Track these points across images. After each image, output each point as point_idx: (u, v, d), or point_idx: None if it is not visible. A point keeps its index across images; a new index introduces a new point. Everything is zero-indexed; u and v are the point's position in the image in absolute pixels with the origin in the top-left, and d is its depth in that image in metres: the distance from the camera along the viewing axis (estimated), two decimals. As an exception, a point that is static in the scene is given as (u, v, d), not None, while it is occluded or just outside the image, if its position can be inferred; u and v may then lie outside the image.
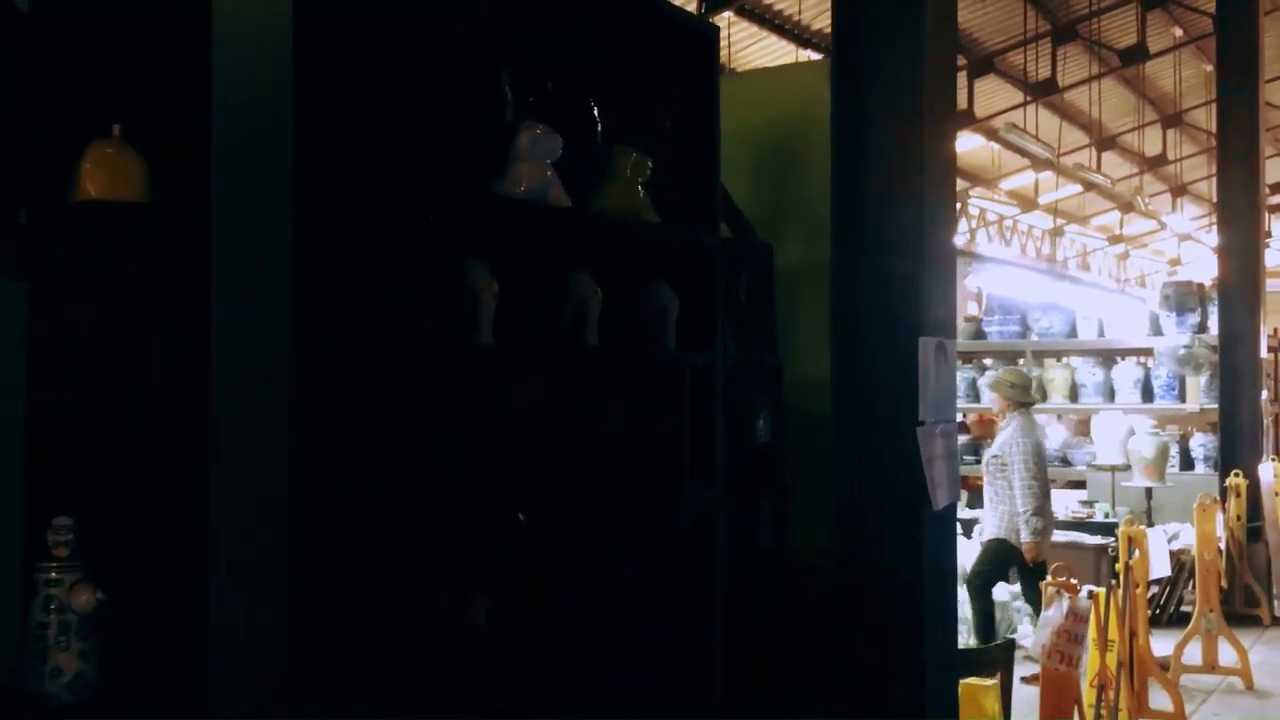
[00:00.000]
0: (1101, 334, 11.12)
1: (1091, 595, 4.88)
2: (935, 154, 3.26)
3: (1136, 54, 14.05)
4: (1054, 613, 4.13)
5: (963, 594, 7.66)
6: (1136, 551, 5.30)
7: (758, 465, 2.97)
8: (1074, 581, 5.28)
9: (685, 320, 2.41)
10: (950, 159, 3.37)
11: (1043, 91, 14.54)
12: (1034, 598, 6.25)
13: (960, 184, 20.57)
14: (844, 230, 3.18)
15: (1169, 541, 8.36)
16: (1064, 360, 11.55)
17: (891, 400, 3.11)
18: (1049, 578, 4.64)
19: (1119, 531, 5.39)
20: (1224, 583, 7.60)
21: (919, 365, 3.10)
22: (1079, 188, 21.20)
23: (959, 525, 9.51)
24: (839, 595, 3.17)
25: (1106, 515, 9.51)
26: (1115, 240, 26.05)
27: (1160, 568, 6.41)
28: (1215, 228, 9.85)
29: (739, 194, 3.25)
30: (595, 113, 2.23)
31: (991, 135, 16.52)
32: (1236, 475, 8.51)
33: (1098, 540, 8.84)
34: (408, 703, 1.82)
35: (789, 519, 3.27)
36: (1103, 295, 9.75)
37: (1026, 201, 21.19)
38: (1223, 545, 7.90)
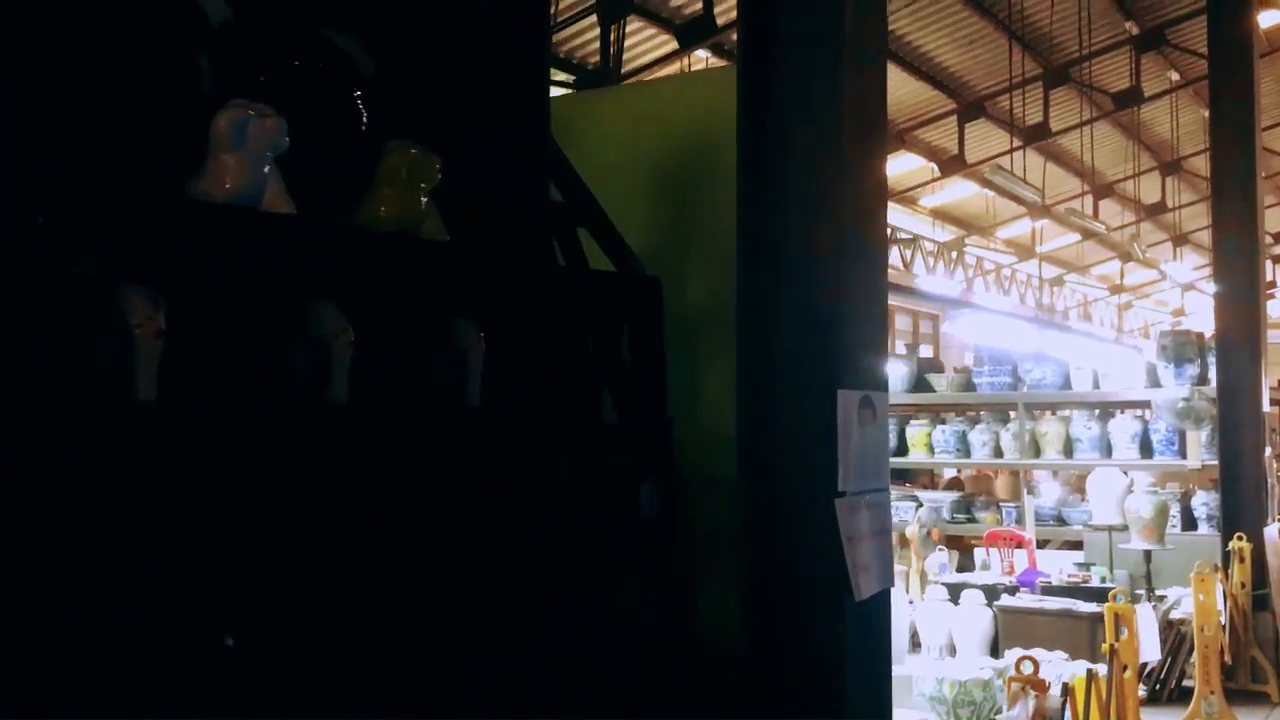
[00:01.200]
0: (1097, 386, 10.58)
1: (1085, 680, 4.34)
2: (860, 172, 2.75)
3: (1131, 97, 13.64)
4: (1018, 712, 3.57)
5: (947, 671, 7.08)
6: (1125, 630, 4.74)
7: (639, 546, 2.43)
8: (1044, 678, 4.73)
9: (510, 368, 1.89)
10: (879, 179, 2.86)
11: (1035, 136, 14.12)
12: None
13: (955, 232, 20.15)
14: (750, 263, 2.67)
15: (1170, 610, 7.77)
16: (1058, 413, 11.01)
17: (804, 467, 2.58)
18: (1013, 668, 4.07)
19: (1104, 608, 4.83)
20: (1228, 657, 6.99)
21: (838, 424, 2.56)
22: (1077, 236, 20.78)
23: (945, 590, 8.98)
24: (748, 698, 2.62)
25: (1104, 579, 8.91)
26: (1116, 290, 25.57)
27: (1150, 650, 5.82)
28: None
29: (629, 222, 2.75)
30: (359, 99, 1.72)
31: (986, 183, 16.12)
32: (1240, 538, 7.93)
33: (1093, 608, 8.23)
34: None
35: (694, 604, 2.72)
36: (1096, 345, 9.22)
37: (1024, 250, 20.74)
38: (1225, 616, 7.30)
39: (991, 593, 8.79)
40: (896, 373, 11.33)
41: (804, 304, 2.65)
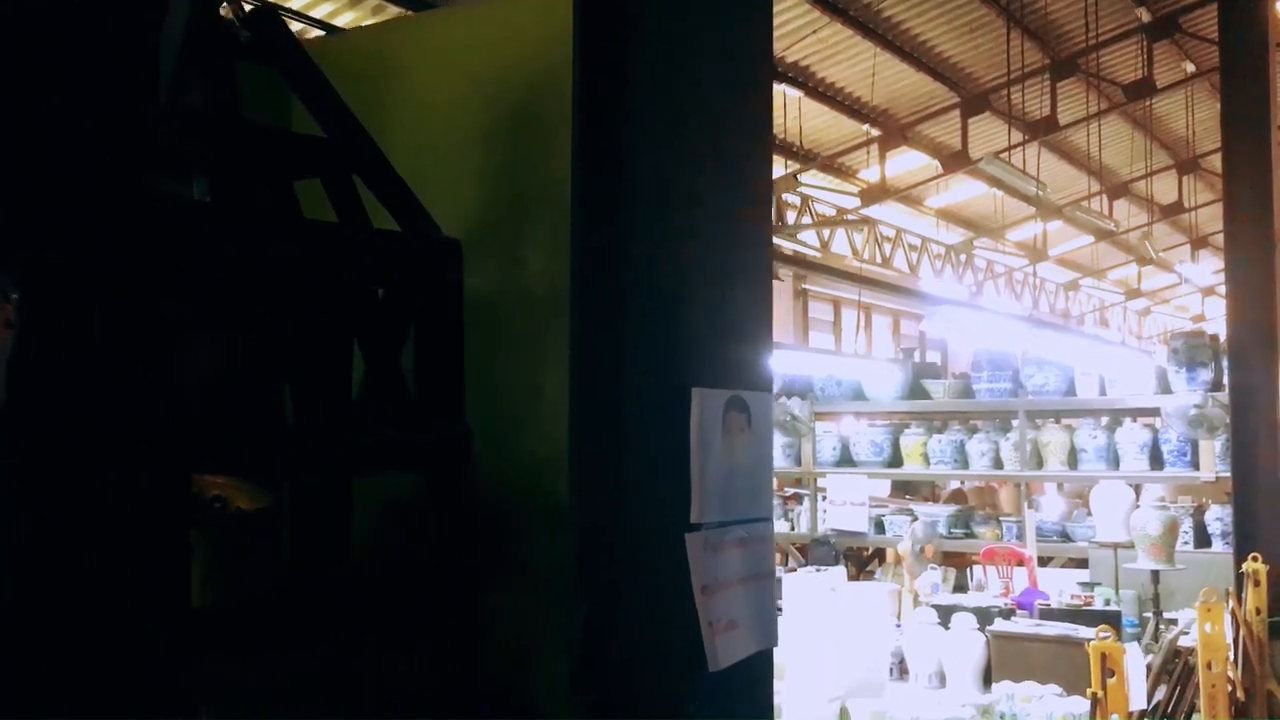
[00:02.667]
0: (1103, 392, 9.89)
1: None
2: (733, 112, 2.13)
3: (1142, 89, 12.95)
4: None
5: (924, 709, 6.42)
6: (1114, 674, 4.08)
7: (408, 594, 1.82)
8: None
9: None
10: (762, 123, 2.23)
11: (1041, 130, 13.44)
12: None
13: (964, 234, 19.45)
14: (587, 227, 2.03)
15: (1178, 637, 7.08)
16: (1062, 422, 10.32)
17: (643, 493, 1.95)
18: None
19: (1089, 646, 4.18)
20: (1240, 693, 6.30)
21: (692, 433, 1.94)
22: (1091, 238, 20.05)
23: (935, 613, 8.31)
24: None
25: (1108, 602, 8.23)
26: (1133, 295, 24.80)
27: (1138, 699, 5.16)
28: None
29: (437, 176, 2.13)
30: None
31: (994, 182, 15.44)
32: (1255, 559, 7.23)
33: (1094, 634, 7.56)
34: None
35: (499, 654, 2.11)
36: (1101, 348, 8.55)
37: (1035, 252, 20.03)
38: (1238, 647, 6.61)
39: (985, 616, 8.11)
40: (890, 378, 10.67)
41: (654, 278, 2.02)
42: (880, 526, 10.65)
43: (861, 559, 11.16)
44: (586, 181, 2.08)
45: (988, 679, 7.69)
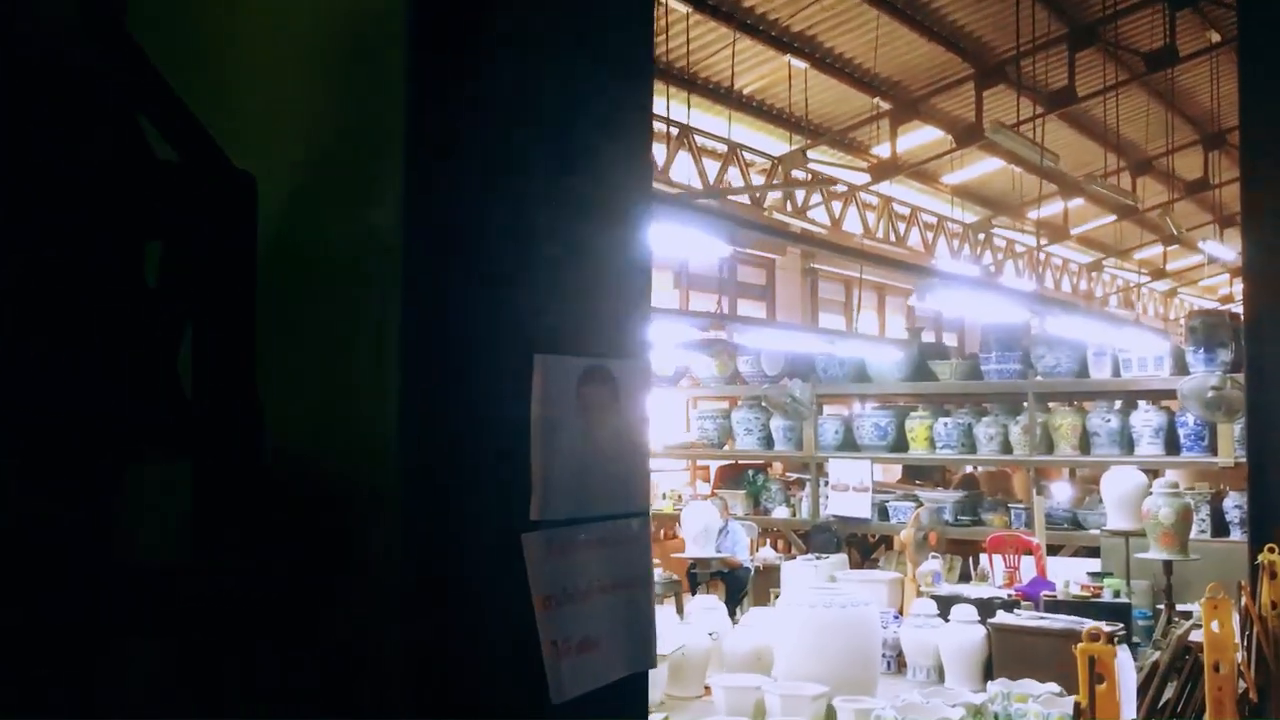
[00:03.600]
0: (1117, 373, 9.46)
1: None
2: (601, 47, 1.76)
3: (1164, 58, 12.44)
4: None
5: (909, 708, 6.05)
6: (1104, 679, 3.71)
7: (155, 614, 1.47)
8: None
9: None
10: (640, 35, 1.86)
11: (1059, 102, 12.94)
12: None
13: (981, 212, 18.95)
14: (420, 171, 1.68)
15: (1188, 632, 6.67)
16: (1074, 404, 9.90)
17: (475, 484, 1.60)
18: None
19: (1076, 649, 3.80)
20: (1253, 694, 5.88)
21: (532, 409, 1.58)
22: (1113, 217, 19.50)
23: (934, 604, 7.93)
24: None
25: (1118, 594, 7.83)
26: (1159, 276, 24.22)
27: (1129, 706, 4.76)
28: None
29: (245, 111, 1.78)
30: None
31: (1012, 158, 14.95)
32: (1272, 550, 6.79)
33: (1101, 628, 7.16)
34: None
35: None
36: (1114, 326, 8.12)
37: (1056, 232, 19.52)
38: (1251, 644, 6.18)
39: (987, 607, 7.73)
40: (893, 359, 10.27)
41: (495, 224, 1.66)
42: (884, 513, 10.27)
43: (867, 546, 10.78)
44: (416, 121, 1.72)
45: (990, 674, 7.31)
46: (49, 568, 1.34)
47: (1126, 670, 4.74)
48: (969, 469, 11.76)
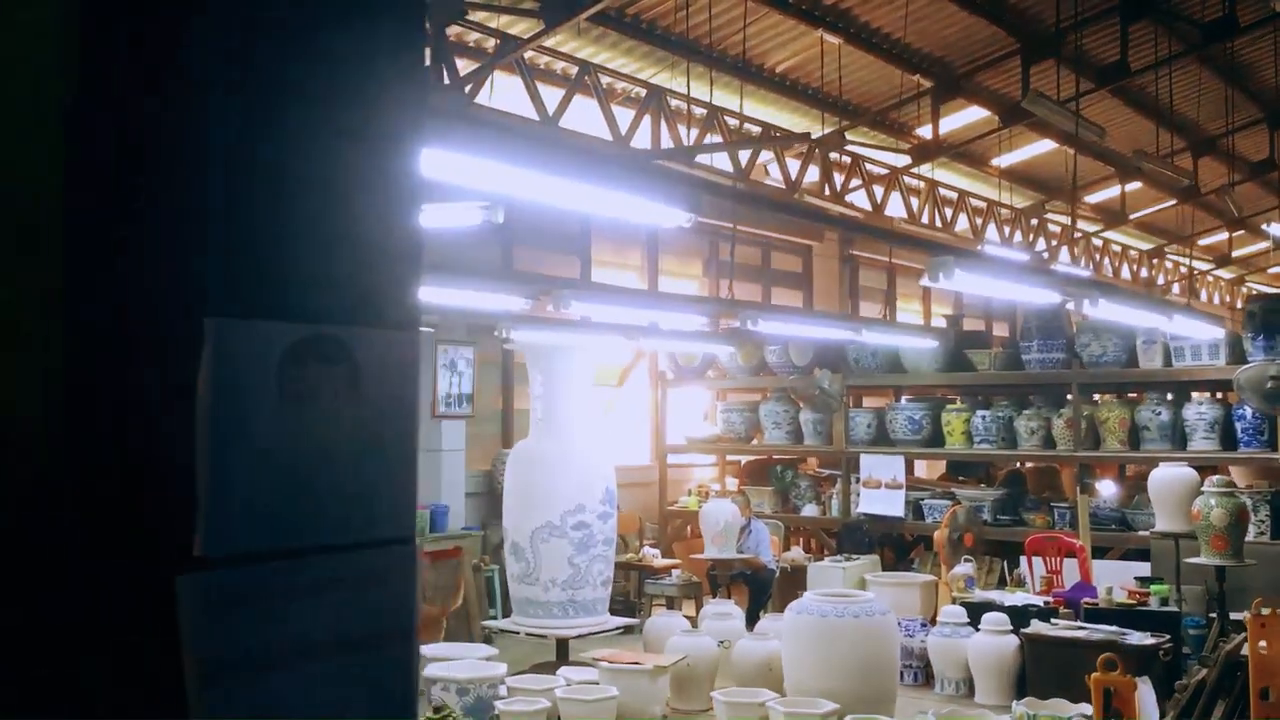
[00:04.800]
0: (1169, 363, 8.80)
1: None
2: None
3: (1223, 28, 11.66)
4: None
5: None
6: (1121, 714, 3.16)
7: None
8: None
9: None
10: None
11: (1111, 77, 12.21)
12: None
13: (1033, 196, 18.17)
14: (92, 60, 1.22)
15: (1239, 646, 6.06)
16: (1122, 396, 9.26)
17: (118, 503, 1.12)
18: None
19: (1090, 680, 3.27)
20: (1310, 718, 5.27)
21: (198, 400, 1.10)
22: (1173, 201, 18.62)
23: (964, 611, 7.36)
24: None
25: (1165, 601, 7.21)
26: (1224, 263, 23.23)
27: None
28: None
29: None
30: None
31: (1064, 139, 14.22)
32: (1335, 556, 6.17)
33: (1146, 640, 6.58)
34: None
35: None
36: (1166, 312, 7.47)
37: (1114, 216, 18.69)
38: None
39: (1021, 615, 7.16)
40: (927, 347, 9.68)
41: (179, 136, 1.20)
42: (920, 511, 9.69)
43: (903, 546, 10.20)
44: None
45: (1023, 689, 6.75)
46: None
47: (1149, 707, 4.16)
48: (1015, 465, 11.11)
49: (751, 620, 8.04)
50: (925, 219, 15.53)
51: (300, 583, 1.22)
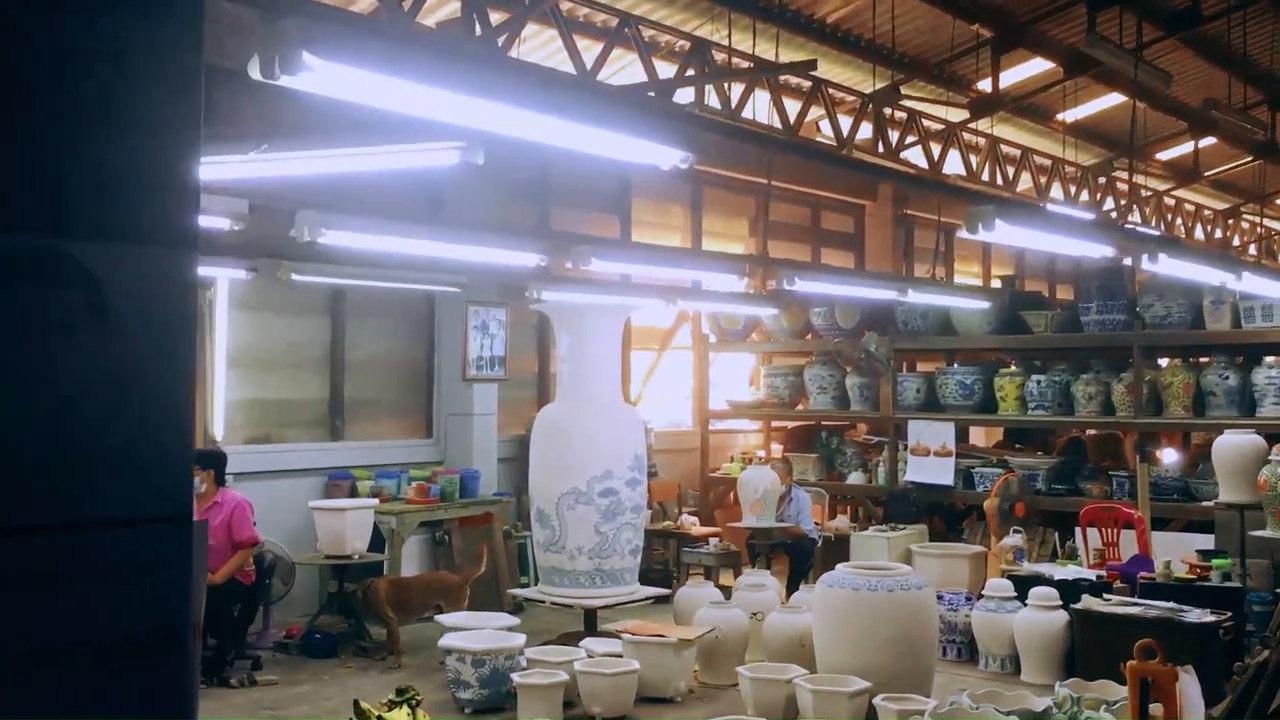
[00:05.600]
0: (1237, 324, 8.31)
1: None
2: None
3: (1304, -31, 10.99)
4: None
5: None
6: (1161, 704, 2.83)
7: None
8: None
9: None
10: None
11: (1181, 24, 11.57)
12: None
13: (1101, 153, 17.48)
14: None
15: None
16: (1187, 360, 8.77)
17: None
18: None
19: (1126, 666, 2.94)
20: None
21: None
22: (1249, 158, 17.81)
23: (1010, 585, 6.99)
24: None
25: (1228, 576, 6.78)
26: (1303, 222, 22.28)
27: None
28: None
29: None
30: None
31: (1134, 91, 13.57)
32: None
33: (1204, 616, 6.17)
34: None
35: None
36: (1234, 270, 6.98)
37: (1186, 174, 17.93)
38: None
39: (1072, 590, 6.78)
40: (980, 309, 9.26)
41: None
42: (969, 480, 9.29)
43: (953, 516, 9.81)
44: None
45: (1069, 667, 6.38)
46: None
47: (1192, 697, 3.80)
48: (1075, 432, 10.65)
49: (793, 591, 7.75)
50: (985, 177, 14.98)
51: (18, 571, 0.95)
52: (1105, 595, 6.63)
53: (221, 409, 7.74)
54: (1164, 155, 18.03)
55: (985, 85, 13.56)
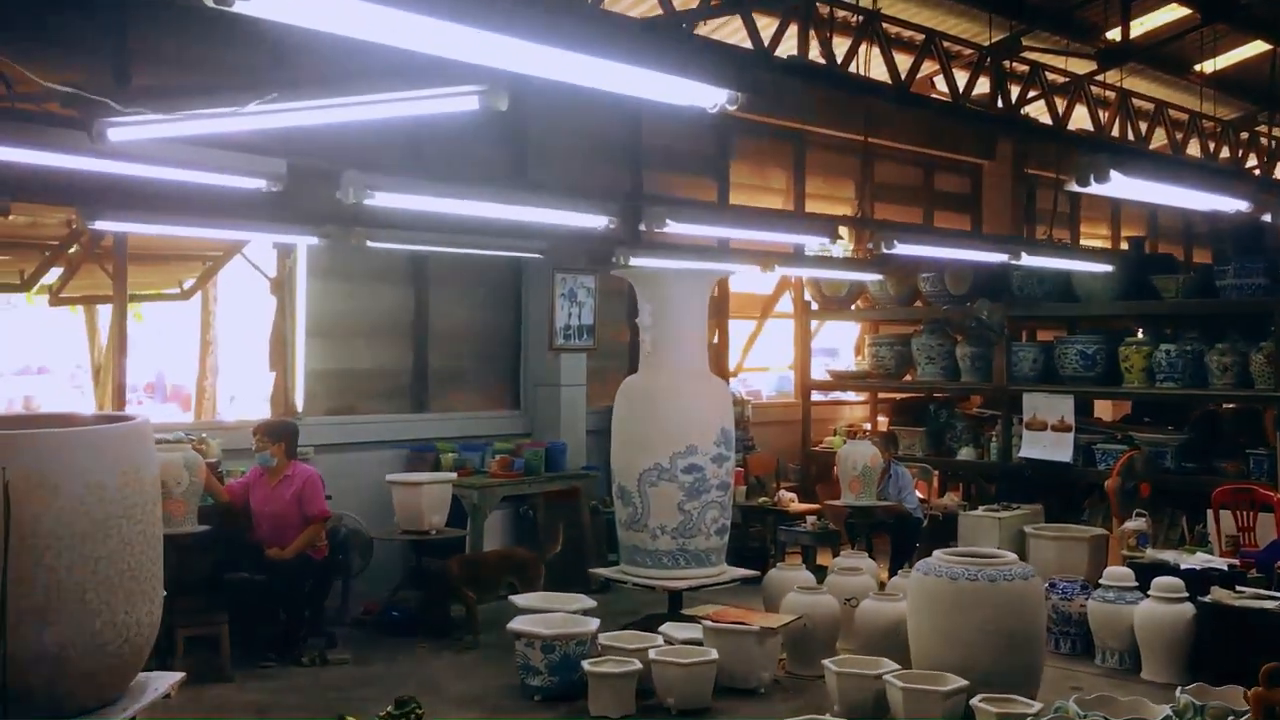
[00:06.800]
0: (1394, 288, 7.50)
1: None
2: None
3: None
4: None
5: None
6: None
7: None
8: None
9: None
10: None
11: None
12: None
13: (1243, 107, 16.33)
14: None
15: None
16: (1338, 329, 7.97)
17: None
18: None
19: (1248, 695, 2.46)
20: None
21: None
22: None
23: (1131, 573, 6.40)
24: None
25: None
26: None
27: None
28: None
29: None
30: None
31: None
32: None
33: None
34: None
35: None
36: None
37: (1336, 127, 16.63)
38: None
39: (1199, 580, 6.18)
40: (1103, 272, 8.58)
41: None
42: (1090, 456, 8.65)
43: (1074, 495, 9.16)
44: None
45: (1195, 664, 5.81)
46: None
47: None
48: (1210, 406, 9.85)
49: (891, 574, 7.28)
50: (1115, 133, 14.07)
51: None
52: (1238, 587, 6.01)
53: (301, 379, 7.59)
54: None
55: (1115, 35, 12.67)
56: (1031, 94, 12.87)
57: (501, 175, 8.23)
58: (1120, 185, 4.27)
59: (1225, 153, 16.41)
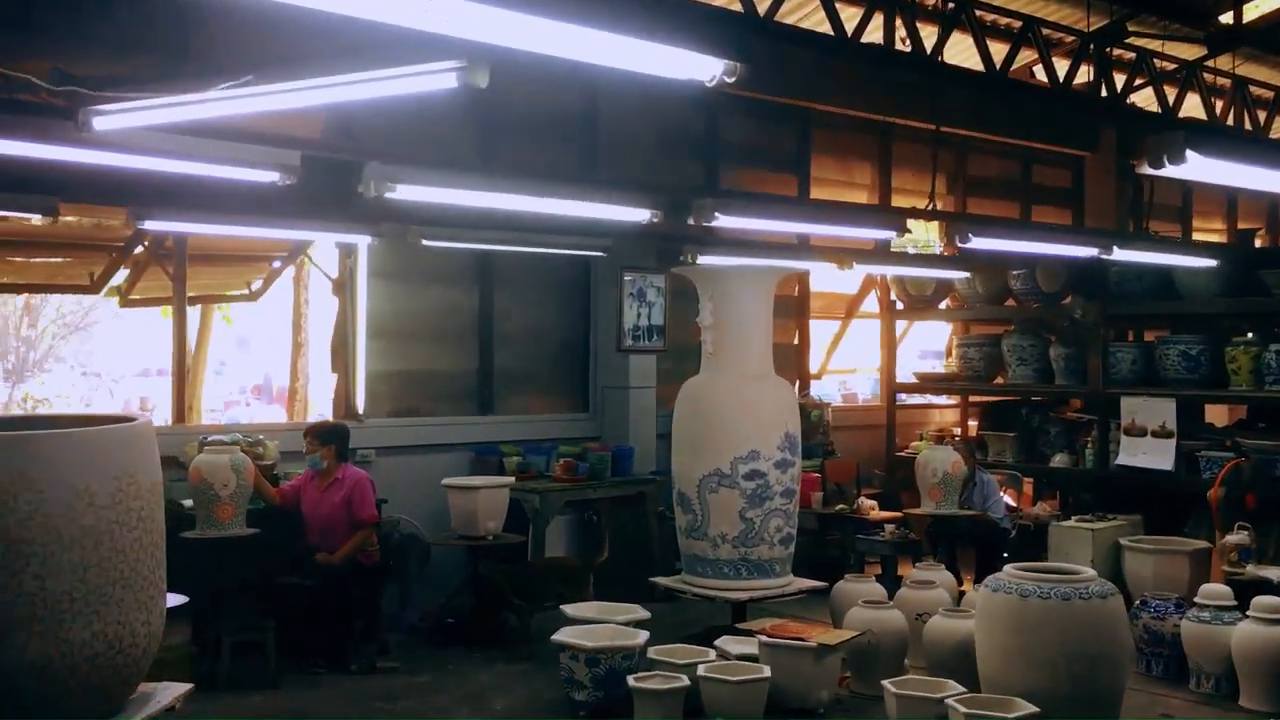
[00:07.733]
0: None
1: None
2: None
3: None
4: None
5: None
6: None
7: None
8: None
9: None
10: None
11: None
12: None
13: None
14: None
15: None
16: None
17: None
18: None
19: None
20: None
21: None
22: None
23: (1230, 592, 5.90)
24: None
25: None
26: None
27: None
28: None
29: None
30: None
31: None
32: None
33: None
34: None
35: None
36: None
37: None
38: None
39: (1307, 602, 5.66)
40: (1207, 267, 8.02)
41: None
42: (1194, 464, 8.09)
43: (1176, 506, 8.59)
44: None
45: (1301, 694, 5.31)
46: None
47: None
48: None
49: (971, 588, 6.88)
50: (1230, 122, 13.30)
51: None
52: (1350, 609, 5.49)
53: (362, 381, 7.49)
54: None
55: (1228, 19, 11.97)
56: (1138, 82, 12.22)
57: (570, 174, 8.04)
58: (1198, 167, 3.86)
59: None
